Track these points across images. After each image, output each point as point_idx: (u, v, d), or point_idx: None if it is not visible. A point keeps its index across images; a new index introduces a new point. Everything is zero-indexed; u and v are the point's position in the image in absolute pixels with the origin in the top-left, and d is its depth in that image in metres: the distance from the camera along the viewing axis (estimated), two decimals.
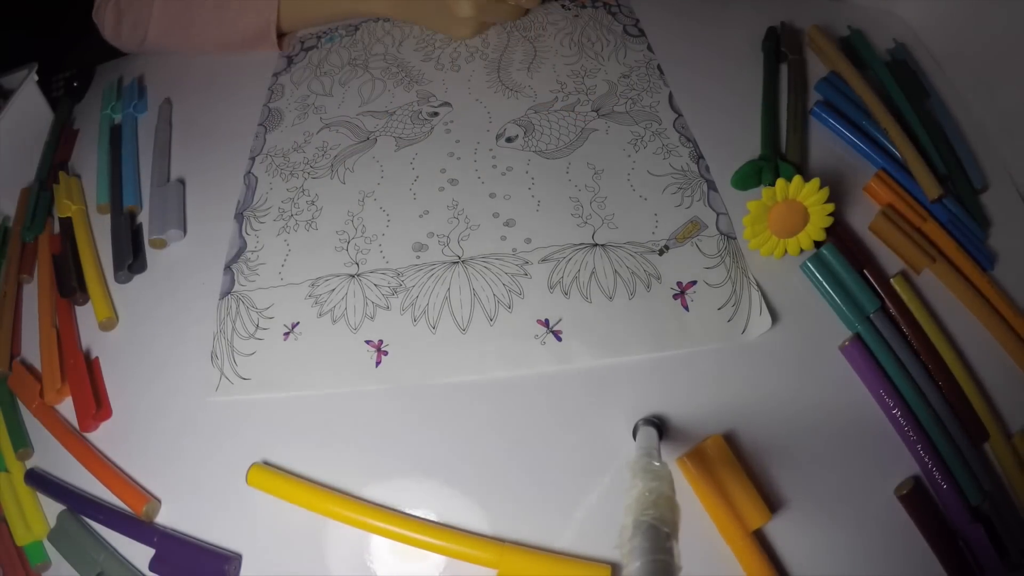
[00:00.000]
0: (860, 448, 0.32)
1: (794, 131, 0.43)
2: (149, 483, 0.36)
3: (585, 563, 0.30)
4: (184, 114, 0.55)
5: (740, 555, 0.30)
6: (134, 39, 0.58)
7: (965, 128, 0.44)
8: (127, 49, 0.61)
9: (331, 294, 0.41)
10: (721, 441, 0.32)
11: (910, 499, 0.31)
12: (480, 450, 0.34)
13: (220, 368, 0.39)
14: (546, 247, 0.40)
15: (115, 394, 0.40)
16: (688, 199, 0.41)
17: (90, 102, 0.60)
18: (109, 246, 0.47)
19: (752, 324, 0.36)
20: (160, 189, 0.48)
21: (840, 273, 0.36)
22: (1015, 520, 0.31)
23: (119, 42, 0.60)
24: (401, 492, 0.34)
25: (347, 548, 0.33)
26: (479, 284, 0.39)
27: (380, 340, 0.38)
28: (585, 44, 0.52)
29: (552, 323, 0.37)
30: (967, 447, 0.32)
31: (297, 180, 0.47)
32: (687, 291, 0.37)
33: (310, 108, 0.52)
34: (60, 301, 0.44)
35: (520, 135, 0.47)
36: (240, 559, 0.33)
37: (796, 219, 0.36)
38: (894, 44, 0.49)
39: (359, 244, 0.43)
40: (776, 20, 0.51)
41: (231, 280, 0.43)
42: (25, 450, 0.39)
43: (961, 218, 0.39)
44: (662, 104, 0.47)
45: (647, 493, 0.25)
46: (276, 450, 0.36)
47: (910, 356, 0.34)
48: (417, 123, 0.49)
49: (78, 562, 0.35)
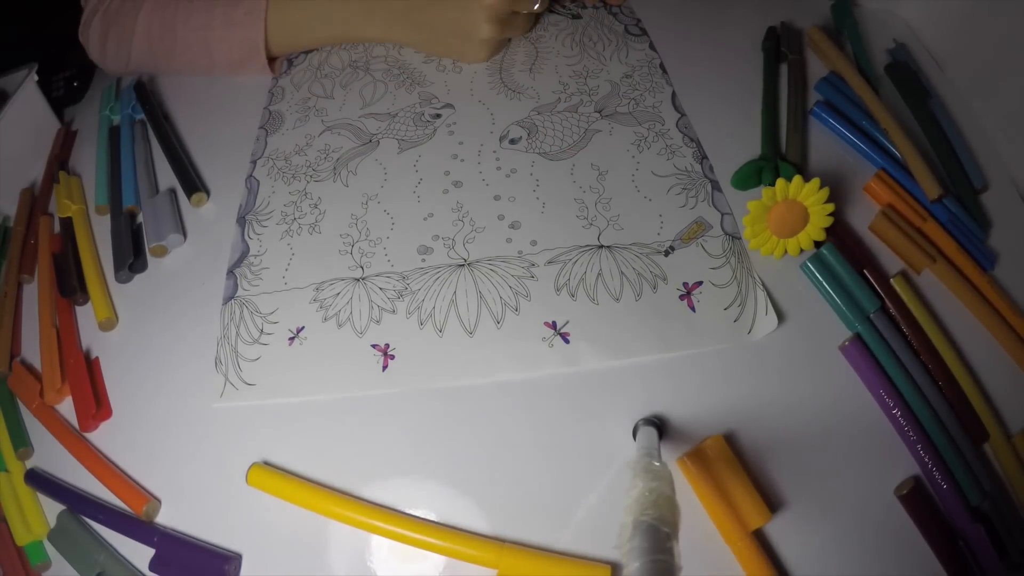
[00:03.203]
0: (860, 448, 0.32)
1: (794, 131, 0.43)
2: (149, 483, 0.36)
3: (585, 563, 0.30)
4: (184, 117, 0.55)
5: (740, 555, 0.30)
6: (119, 61, 0.56)
7: (965, 128, 0.44)
8: (113, 71, 0.59)
9: (336, 298, 0.41)
10: (721, 441, 0.32)
11: (910, 499, 0.31)
12: (479, 450, 0.34)
13: (224, 374, 0.39)
14: (552, 249, 0.40)
15: (115, 394, 0.40)
16: (692, 199, 0.41)
17: (90, 102, 0.60)
18: (109, 246, 0.47)
19: (758, 324, 0.36)
20: (150, 200, 0.48)
21: (840, 273, 0.36)
22: (1015, 520, 0.31)
23: (104, 64, 0.58)
24: (401, 492, 0.34)
25: (347, 548, 0.33)
26: (485, 287, 0.39)
27: (386, 344, 0.38)
28: (587, 44, 0.53)
29: (560, 325, 0.37)
30: (967, 447, 0.32)
31: (299, 183, 0.47)
32: (693, 292, 0.37)
33: (311, 111, 0.52)
34: (60, 301, 0.44)
35: (524, 137, 0.47)
36: (240, 559, 0.33)
37: (796, 219, 0.36)
38: (894, 44, 0.49)
39: (363, 247, 0.43)
40: (776, 20, 0.51)
41: (234, 284, 0.43)
42: (25, 450, 0.39)
43: (961, 218, 0.39)
44: (665, 104, 0.47)
45: (647, 493, 0.25)
46: (276, 450, 0.36)
47: (910, 356, 0.34)
48: (420, 125, 0.49)
49: (78, 562, 0.35)
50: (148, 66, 0.57)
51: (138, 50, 0.55)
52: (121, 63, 0.57)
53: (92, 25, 0.56)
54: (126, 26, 0.54)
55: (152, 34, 0.54)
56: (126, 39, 0.55)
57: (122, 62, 0.57)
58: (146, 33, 0.54)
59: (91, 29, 0.56)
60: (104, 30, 0.55)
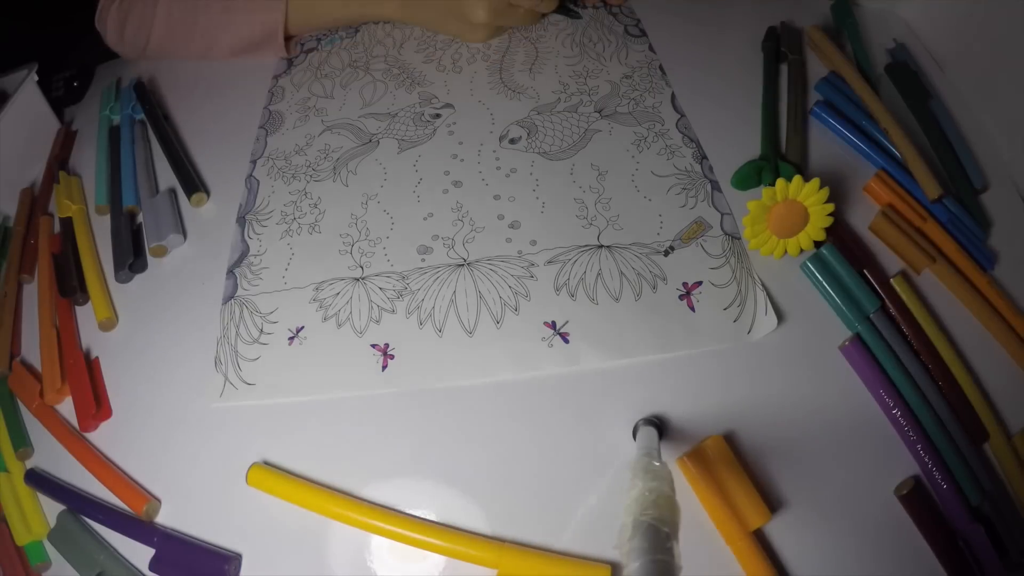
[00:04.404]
0: (860, 448, 0.32)
1: (794, 131, 0.43)
2: (149, 483, 0.36)
3: (585, 563, 0.30)
4: (184, 117, 0.55)
5: (740, 555, 0.30)
6: (137, 45, 0.58)
7: (965, 128, 0.44)
8: (130, 56, 0.61)
9: (336, 298, 0.41)
10: (721, 441, 0.32)
11: (910, 499, 0.31)
12: (479, 450, 0.34)
13: (224, 374, 0.39)
14: (552, 249, 0.40)
15: (115, 394, 0.40)
16: (692, 199, 0.41)
17: (90, 102, 0.60)
18: (109, 246, 0.47)
19: (758, 324, 0.36)
20: (151, 201, 0.48)
21: (840, 273, 0.36)
22: (1015, 520, 0.31)
23: (122, 48, 0.60)
24: (401, 492, 0.34)
25: (347, 548, 0.33)
26: (485, 287, 0.39)
27: (386, 344, 0.38)
28: (587, 45, 0.53)
29: (559, 325, 0.37)
30: (967, 447, 0.32)
31: (299, 183, 0.47)
32: (693, 292, 0.37)
33: (311, 110, 0.52)
34: (60, 301, 0.44)
35: (523, 136, 0.47)
36: (240, 559, 0.33)
37: (796, 219, 0.36)
38: (894, 44, 0.49)
39: (363, 247, 0.43)
40: (776, 20, 0.51)
41: (234, 284, 0.43)
42: (25, 450, 0.39)
43: (961, 218, 0.39)
44: (664, 104, 0.47)
45: (647, 493, 0.25)
46: (276, 450, 0.36)
47: (910, 356, 0.34)
48: (419, 125, 0.49)
49: (78, 562, 0.35)
50: (166, 49, 0.58)
51: (158, 33, 0.57)
52: (139, 47, 0.58)
53: (111, 10, 0.57)
54: (147, 10, 0.56)
55: (173, 17, 0.56)
56: (146, 23, 0.56)
57: (140, 46, 0.58)
58: (167, 16, 0.56)
59: (109, 14, 0.57)
60: (123, 14, 0.57)
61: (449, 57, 0.54)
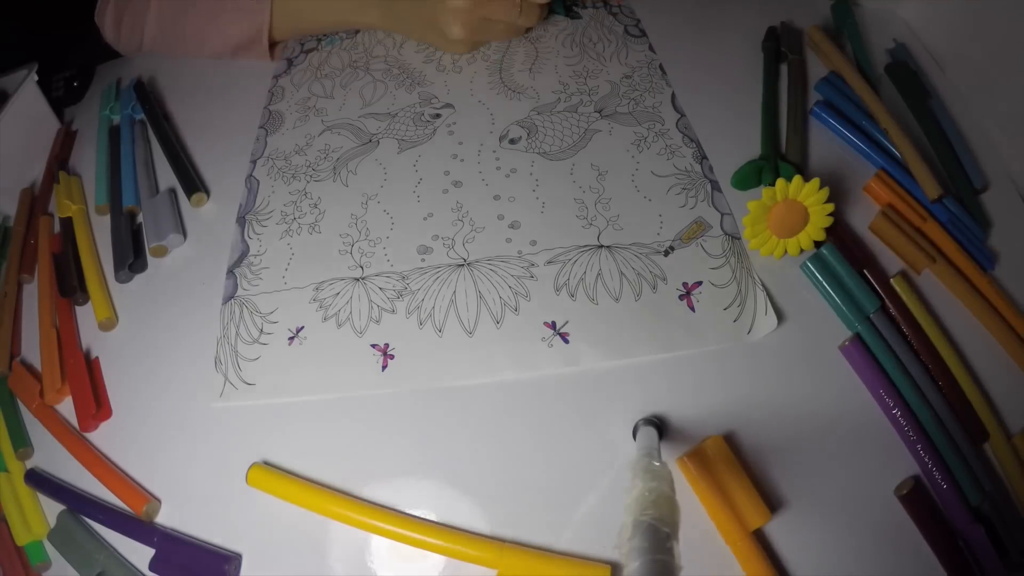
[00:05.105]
0: (860, 448, 0.32)
1: (794, 131, 0.43)
2: (149, 483, 0.36)
3: (585, 563, 0.30)
4: (184, 117, 0.55)
5: (740, 555, 0.30)
6: (132, 42, 0.59)
7: (965, 128, 0.44)
8: (127, 52, 0.61)
9: (336, 298, 0.41)
10: (721, 441, 0.32)
11: (910, 499, 0.31)
12: (479, 450, 0.34)
13: (224, 374, 0.39)
14: (551, 249, 0.40)
15: (115, 394, 0.40)
16: (692, 199, 0.41)
17: (90, 102, 0.60)
18: (109, 246, 0.47)
19: (758, 324, 0.36)
20: (151, 201, 0.48)
21: (840, 273, 0.36)
22: (1015, 520, 0.31)
23: (119, 45, 0.60)
24: (401, 492, 0.34)
25: (347, 548, 0.33)
26: (485, 287, 0.39)
27: (386, 344, 0.38)
28: (587, 45, 0.53)
29: (559, 325, 0.37)
30: (967, 447, 0.32)
31: (299, 183, 0.47)
32: (693, 292, 0.37)
33: (311, 110, 0.52)
34: (60, 301, 0.44)
35: (523, 136, 0.47)
36: (240, 559, 0.33)
37: (796, 219, 0.36)
38: (894, 44, 0.49)
39: (363, 247, 0.43)
40: (776, 20, 0.51)
41: (234, 284, 0.43)
42: (25, 450, 0.39)
43: (961, 218, 0.39)
44: (665, 104, 0.47)
45: (647, 493, 0.25)
46: (276, 450, 0.36)
47: (910, 356, 0.34)
48: (419, 125, 0.49)
49: (78, 562, 0.35)
50: (160, 48, 0.59)
51: (151, 31, 0.57)
52: (135, 45, 0.59)
53: (107, 9, 0.58)
54: (140, 7, 0.57)
55: (164, 16, 0.56)
56: (139, 22, 0.57)
57: (135, 44, 0.59)
58: (158, 15, 0.56)
59: (106, 12, 0.58)
60: (118, 13, 0.58)
61: (449, 57, 0.54)
